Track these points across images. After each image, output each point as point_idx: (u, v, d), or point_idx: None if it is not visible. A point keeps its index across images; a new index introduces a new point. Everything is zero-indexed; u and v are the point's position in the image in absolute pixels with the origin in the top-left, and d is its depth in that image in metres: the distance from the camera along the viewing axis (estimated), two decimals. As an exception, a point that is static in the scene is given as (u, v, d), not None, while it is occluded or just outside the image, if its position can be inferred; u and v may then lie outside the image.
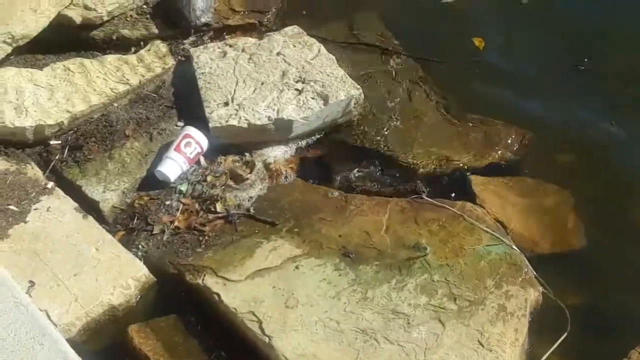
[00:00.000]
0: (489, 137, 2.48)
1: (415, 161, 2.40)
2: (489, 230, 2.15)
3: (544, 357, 1.89)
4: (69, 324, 1.95)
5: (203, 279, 2.05)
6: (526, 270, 2.04)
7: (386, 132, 2.50)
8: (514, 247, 2.11)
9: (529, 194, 2.34)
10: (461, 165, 2.41)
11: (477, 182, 2.33)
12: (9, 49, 2.70)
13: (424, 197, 2.26)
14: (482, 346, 1.83)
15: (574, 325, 1.93)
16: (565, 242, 2.22)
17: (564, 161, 2.48)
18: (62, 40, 2.84)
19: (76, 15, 2.83)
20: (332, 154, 2.50)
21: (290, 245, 2.14)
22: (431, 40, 2.90)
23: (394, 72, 2.73)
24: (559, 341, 1.90)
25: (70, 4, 2.83)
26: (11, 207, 2.23)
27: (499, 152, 2.45)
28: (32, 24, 2.72)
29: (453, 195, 2.31)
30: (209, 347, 1.94)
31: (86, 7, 2.83)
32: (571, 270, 2.15)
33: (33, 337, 1.59)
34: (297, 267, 2.07)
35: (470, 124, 2.52)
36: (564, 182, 2.36)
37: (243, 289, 2.01)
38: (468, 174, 2.37)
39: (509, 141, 2.47)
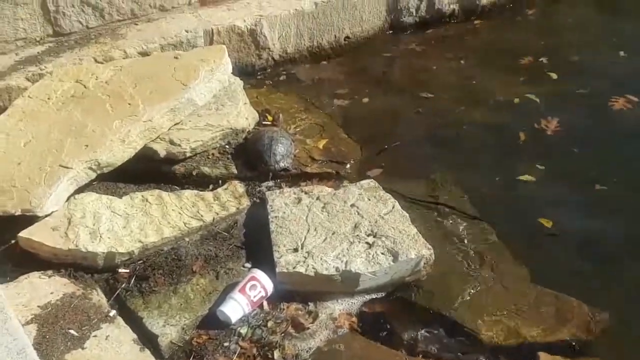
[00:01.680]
0: (561, 313, 2.42)
1: (482, 330, 2.36)
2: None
3: None
4: None
5: None
6: None
7: (455, 298, 2.46)
8: None
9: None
10: (529, 339, 2.35)
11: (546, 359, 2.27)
12: (93, 175, 2.81)
13: (487, 368, 2.22)
14: None
15: None
16: None
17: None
18: (143, 171, 2.94)
19: (161, 148, 2.96)
20: (396, 313, 2.46)
21: (346, 404, 2.10)
22: (503, 209, 2.91)
23: (466, 235, 2.73)
24: None
25: (157, 137, 2.97)
26: (72, 331, 2.26)
27: (571, 330, 2.38)
28: (119, 154, 2.85)
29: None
30: None
31: (172, 142, 2.97)
32: None
33: None
34: None
35: (544, 298, 2.47)
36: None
37: None
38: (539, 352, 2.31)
39: (582, 319, 2.41)
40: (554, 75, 3.67)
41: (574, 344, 2.35)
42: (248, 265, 2.57)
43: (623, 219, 2.84)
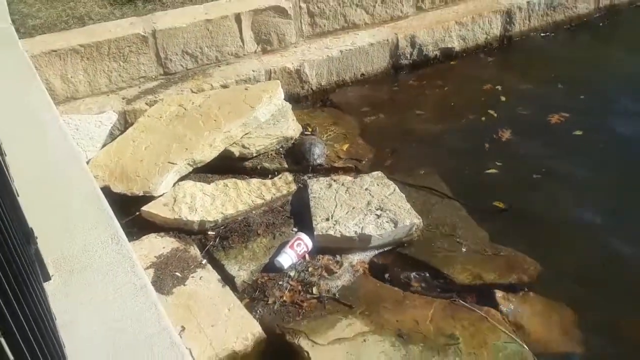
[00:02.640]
0: (510, 263, 2.41)
1: (455, 275, 2.36)
2: (506, 331, 2.07)
3: None
4: (204, 360, 1.94)
5: (298, 340, 2.05)
6: (533, 364, 1.94)
7: (437, 252, 2.46)
8: (525, 346, 2.02)
9: (540, 307, 2.23)
10: (489, 281, 2.35)
11: (499, 295, 2.26)
12: (190, 169, 2.85)
13: (459, 301, 2.21)
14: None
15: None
16: (567, 346, 2.09)
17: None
18: (224, 166, 2.96)
19: (236, 150, 2.98)
20: (396, 262, 2.47)
21: (361, 323, 2.11)
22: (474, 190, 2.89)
23: (445, 209, 2.71)
24: None
25: (233, 143, 3.00)
26: (177, 273, 2.31)
27: (517, 274, 2.37)
28: (207, 154, 2.88)
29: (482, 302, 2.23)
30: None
31: (243, 146, 3.00)
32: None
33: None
34: (364, 340, 2.04)
35: (499, 253, 2.46)
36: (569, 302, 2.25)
37: (325, 351, 2.00)
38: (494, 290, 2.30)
39: (526, 267, 2.39)
40: (504, 98, 3.63)
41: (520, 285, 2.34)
42: (295, 229, 2.58)
43: (559, 197, 2.81)
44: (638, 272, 2.39)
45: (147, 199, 2.65)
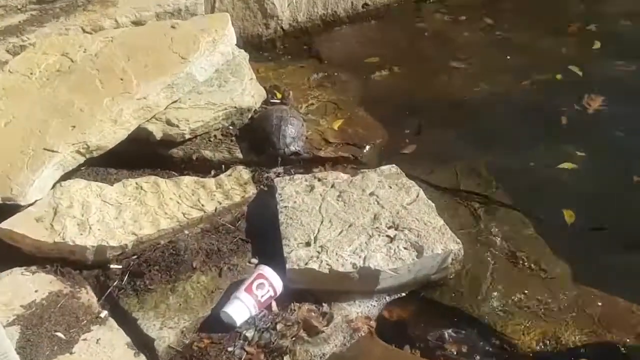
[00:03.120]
0: (607, 315, 2.41)
1: (517, 335, 2.34)
2: None
3: None
4: None
5: None
6: None
7: (487, 298, 2.46)
8: None
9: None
10: (571, 345, 2.34)
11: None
12: (82, 160, 2.82)
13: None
14: None
15: None
16: None
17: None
18: (137, 155, 2.96)
19: (157, 130, 2.96)
20: (420, 314, 2.47)
21: (364, 417, 2.10)
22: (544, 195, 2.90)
23: (500, 228, 2.72)
24: None
25: (152, 117, 2.97)
26: (58, 334, 2.27)
27: (621, 333, 2.36)
28: (110, 135, 2.85)
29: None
30: None
31: (169, 123, 2.97)
32: None
33: None
34: None
35: (591, 297, 2.46)
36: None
37: None
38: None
39: (631, 321, 2.39)
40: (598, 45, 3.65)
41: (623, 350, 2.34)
42: (255, 261, 2.57)
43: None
44: None
45: (9, 209, 2.61)
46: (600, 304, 2.44)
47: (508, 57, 3.64)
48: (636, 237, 2.72)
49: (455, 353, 2.34)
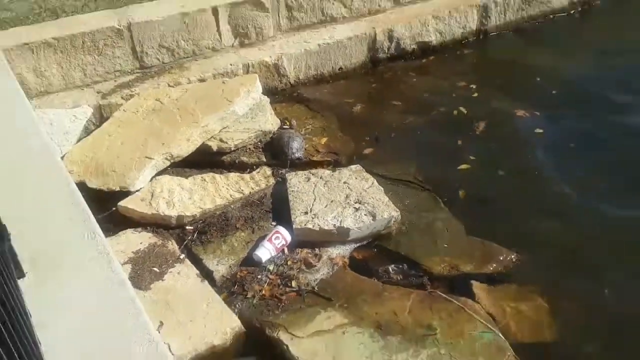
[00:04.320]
0: (486, 254, 2.45)
1: (433, 266, 2.38)
2: (482, 320, 2.10)
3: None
4: (182, 356, 1.94)
5: (277, 333, 2.05)
6: (509, 353, 1.98)
7: (415, 244, 2.48)
8: (501, 335, 2.05)
9: (515, 297, 2.27)
10: (465, 272, 2.38)
11: (477, 286, 2.29)
12: (168, 163, 2.83)
13: (437, 292, 2.23)
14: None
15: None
16: (541, 335, 2.13)
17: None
18: (201, 160, 2.94)
19: (214, 145, 2.97)
20: (374, 255, 2.48)
21: (340, 316, 2.12)
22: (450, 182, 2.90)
23: (422, 202, 2.73)
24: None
25: (211, 137, 2.98)
26: (155, 269, 2.30)
27: (494, 265, 2.40)
28: (185, 148, 2.87)
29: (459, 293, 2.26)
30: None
31: (221, 140, 2.98)
32: (545, 357, 2.07)
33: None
34: (343, 333, 2.05)
35: (476, 245, 2.48)
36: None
37: (304, 343, 2.00)
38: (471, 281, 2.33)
39: (501, 258, 2.43)
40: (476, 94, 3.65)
41: (495, 275, 2.37)
42: (274, 223, 2.58)
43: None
44: (611, 258, 2.44)
45: (124, 194, 2.62)
46: (480, 248, 2.47)
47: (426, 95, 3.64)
48: (500, 205, 2.75)
49: (396, 279, 2.36)
